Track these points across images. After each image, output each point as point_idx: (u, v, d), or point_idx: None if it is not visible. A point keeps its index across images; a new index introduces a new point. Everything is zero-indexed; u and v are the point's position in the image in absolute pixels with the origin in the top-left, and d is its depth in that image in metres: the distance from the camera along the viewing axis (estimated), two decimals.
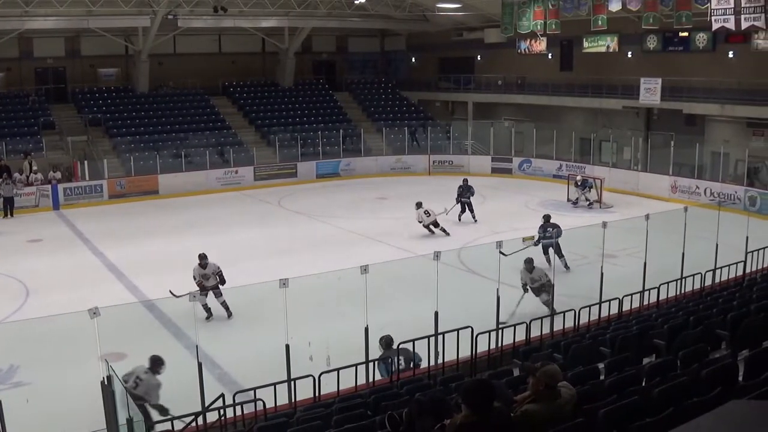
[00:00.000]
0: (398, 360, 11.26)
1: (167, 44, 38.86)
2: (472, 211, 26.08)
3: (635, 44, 33.45)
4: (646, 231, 16.05)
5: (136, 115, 37.69)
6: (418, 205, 23.72)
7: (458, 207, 26.01)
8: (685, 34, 30.79)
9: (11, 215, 28.18)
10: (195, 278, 16.20)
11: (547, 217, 20.16)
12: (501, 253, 13.55)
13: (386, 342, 11.91)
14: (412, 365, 11.55)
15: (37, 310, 16.20)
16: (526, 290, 15.67)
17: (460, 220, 25.79)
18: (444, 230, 23.82)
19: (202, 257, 16.52)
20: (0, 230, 26.05)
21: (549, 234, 19.03)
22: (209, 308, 16.13)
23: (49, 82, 39.03)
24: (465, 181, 26.61)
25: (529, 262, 15.75)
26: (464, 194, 26.06)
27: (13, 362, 13.58)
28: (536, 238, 18.36)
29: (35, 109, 36.03)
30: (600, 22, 29.69)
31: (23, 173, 30.34)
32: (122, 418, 9.01)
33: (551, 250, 18.40)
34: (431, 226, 23.79)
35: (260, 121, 39.81)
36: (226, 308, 16.32)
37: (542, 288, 15.49)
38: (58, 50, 38.76)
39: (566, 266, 18.99)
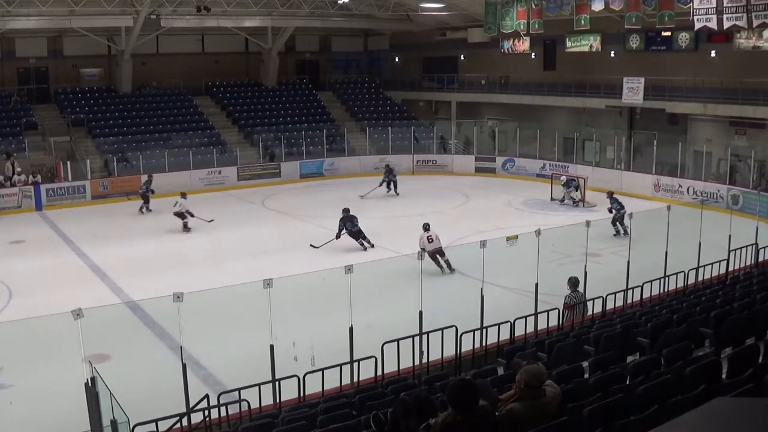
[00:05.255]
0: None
1: (150, 44, 38.65)
2: (395, 187, 31.28)
3: (618, 44, 33.59)
4: (630, 229, 16.14)
5: (119, 116, 37.45)
6: (425, 227, 19.64)
7: (384, 187, 31.07)
8: (668, 33, 30.91)
9: None
10: None
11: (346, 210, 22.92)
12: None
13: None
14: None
15: (20, 311, 16.05)
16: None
17: (389, 191, 31.20)
18: (448, 265, 19.25)
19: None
20: None
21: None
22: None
23: (32, 82, 38.67)
24: (387, 165, 32.28)
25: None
26: (388, 176, 31.33)
27: None
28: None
29: (17, 110, 35.72)
30: (583, 22, 29.76)
31: (6, 174, 30.04)
32: (106, 420, 8.93)
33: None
34: (437, 256, 19.23)
35: (243, 121, 39.66)
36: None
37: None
38: (40, 50, 38.44)
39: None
